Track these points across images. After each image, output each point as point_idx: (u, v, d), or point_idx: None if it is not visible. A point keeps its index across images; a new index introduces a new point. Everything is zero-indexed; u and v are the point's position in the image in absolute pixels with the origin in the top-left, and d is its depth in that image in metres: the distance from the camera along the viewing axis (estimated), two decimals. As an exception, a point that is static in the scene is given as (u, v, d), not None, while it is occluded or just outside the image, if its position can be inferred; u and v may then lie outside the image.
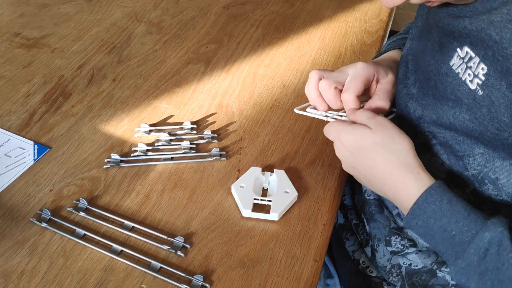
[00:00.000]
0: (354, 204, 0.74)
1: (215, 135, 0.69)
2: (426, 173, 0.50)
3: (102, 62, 0.83)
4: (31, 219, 0.57)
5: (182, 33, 0.91)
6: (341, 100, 0.58)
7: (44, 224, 0.57)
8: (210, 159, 0.66)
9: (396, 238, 0.62)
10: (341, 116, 0.59)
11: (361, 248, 0.70)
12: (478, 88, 0.45)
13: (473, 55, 0.46)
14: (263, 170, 0.63)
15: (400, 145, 0.51)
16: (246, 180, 0.61)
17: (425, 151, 0.55)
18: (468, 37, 0.46)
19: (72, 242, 0.56)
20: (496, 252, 0.42)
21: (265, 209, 0.59)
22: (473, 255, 0.44)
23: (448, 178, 0.54)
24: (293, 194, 0.60)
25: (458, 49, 0.48)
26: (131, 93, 0.77)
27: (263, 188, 0.62)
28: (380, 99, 0.59)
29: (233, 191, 0.61)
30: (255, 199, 0.59)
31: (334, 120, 0.58)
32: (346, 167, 0.56)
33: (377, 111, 0.59)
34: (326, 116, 0.60)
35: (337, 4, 1.01)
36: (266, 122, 0.72)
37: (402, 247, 0.62)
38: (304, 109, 0.62)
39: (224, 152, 0.67)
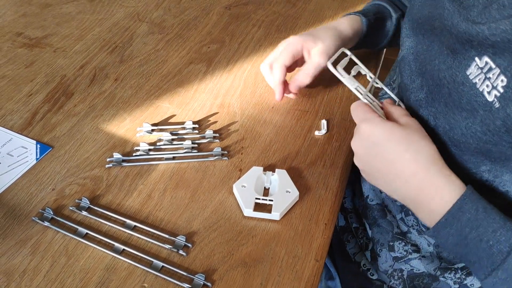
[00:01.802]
0: (354, 207, 0.73)
1: (217, 135, 0.69)
2: (456, 176, 0.47)
3: (104, 62, 0.83)
4: (33, 218, 0.58)
5: (184, 33, 0.91)
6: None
7: (46, 223, 0.57)
8: (211, 158, 0.66)
9: (399, 243, 0.62)
10: (373, 100, 0.56)
11: (362, 252, 0.69)
12: (496, 100, 0.43)
13: (493, 66, 0.43)
14: (264, 170, 0.63)
15: (427, 146, 0.49)
16: (247, 179, 0.62)
17: None
18: (492, 47, 0.44)
19: (74, 241, 0.56)
20: None
21: (266, 208, 0.59)
22: None
23: None
24: (294, 193, 0.60)
25: (477, 58, 0.45)
26: (133, 92, 0.77)
27: (264, 187, 0.62)
28: (300, 73, 0.65)
29: (234, 190, 0.61)
30: (256, 198, 0.59)
31: (366, 100, 0.55)
32: (360, 160, 0.53)
33: (299, 84, 0.64)
34: (356, 90, 0.56)
35: (338, 4, 1.01)
36: (267, 122, 0.73)
37: (405, 253, 0.61)
38: (335, 65, 0.59)
39: (225, 152, 0.67)
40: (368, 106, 0.54)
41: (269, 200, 0.59)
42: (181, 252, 0.55)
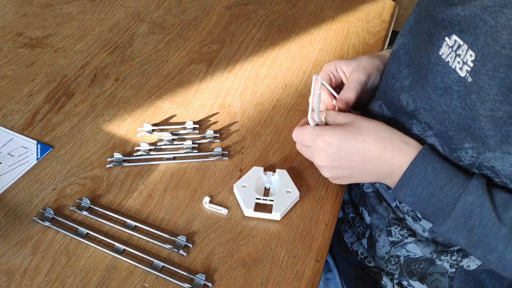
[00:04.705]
0: (351, 198, 0.74)
1: (217, 135, 0.69)
2: (416, 141, 0.53)
3: (105, 62, 0.83)
4: (34, 218, 0.58)
5: (185, 33, 0.91)
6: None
7: (47, 223, 0.57)
8: (212, 158, 0.66)
9: (395, 228, 0.63)
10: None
11: (359, 240, 0.70)
12: (468, 75, 0.46)
13: (461, 42, 0.47)
14: (265, 170, 0.63)
15: (379, 124, 0.55)
16: (248, 179, 0.62)
17: (420, 142, 0.56)
18: (459, 24, 0.47)
19: (75, 241, 0.56)
20: (480, 212, 0.47)
21: (267, 208, 0.59)
22: (460, 216, 0.48)
23: None
24: (295, 193, 0.60)
25: (446, 38, 0.49)
26: (134, 92, 0.77)
27: (265, 187, 0.62)
28: (343, 91, 0.63)
29: (235, 190, 0.61)
30: (257, 198, 0.59)
31: (312, 122, 0.57)
32: (330, 170, 0.57)
33: (345, 100, 0.62)
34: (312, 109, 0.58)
35: (339, 4, 1.01)
36: (268, 122, 0.73)
37: (401, 237, 0.62)
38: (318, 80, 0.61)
39: (226, 152, 0.67)
40: (311, 127, 0.57)
41: (270, 200, 0.59)
42: (181, 252, 0.55)
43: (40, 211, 0.59)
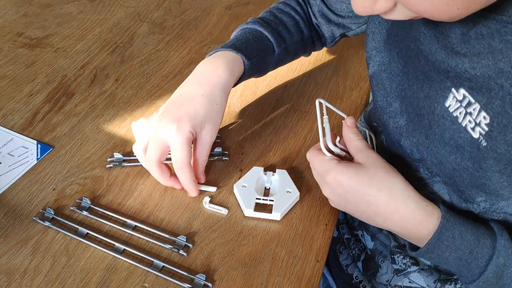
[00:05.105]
0: (346, 218, 0.73)
1: (218, 135, 0.69)
2: (432, 204, 0.49)
3: (105, 62, 0.83)
4: (34, 218, 0.58)
5: (185, 33, 0.91)
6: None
7: (47, 223, 0.57)
8: (212, 158, 0.66)
9: (398, 256, 0.62)
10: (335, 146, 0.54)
11: (354, 263, 0.69)
12: (482, 138, 0.42)
13: (472, 100, 0.42)
14: (265, 170, 0.63)
15: (396, 179, 0.49)
16: (248, 179, 0.62)
17: (426, 186, 0.53)
18: (469, 81, 0.42)
19: (75, 241, 0.56)
20: None
21: (267, 208, 0.59)
22: (492, 277, 0.46)
23: None
24: (295, 194, 0.60)
25: (454, 90, 0.44)
26: (134, 93, 0.77)
27: (265, 187, 0.62)
28: (199, 157, 0.57)
29: (235, 190, 0.61)
30: (257, 198, 0.59)
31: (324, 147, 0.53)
32: (337, 204, 0.54)
33: (202, 166, 0.57)
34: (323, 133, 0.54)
35: (339, 4, 1.00)
36: (268, 122, 0.73)
37: (404, 266, 0.61)
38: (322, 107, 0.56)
39: (226, 152, 0.67)
40: (325, 157, 0.52)
41: (270, 200, 0.59)
42: (181, 252, 0.55)
43: (40, 211, 0.59)
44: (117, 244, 0.56)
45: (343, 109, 0.75)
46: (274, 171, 0.63)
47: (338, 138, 0.56)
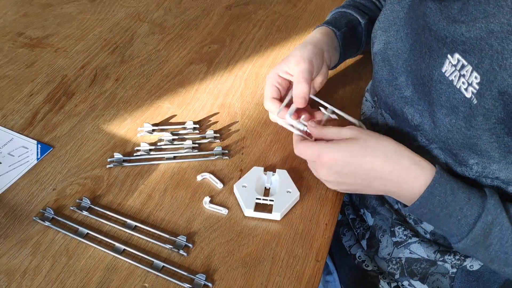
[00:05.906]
0: (351, 200, 0.74)
1: (218, 135, 0.69)
2: (425, 160, 0.52)
3: (105, 62, 0.83)
4: (34, 218, 0.58)
5: (185, 33, 0.91)
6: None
7: (47, 223, 0.57)
8: (212, 158, 0.66)
9: (399, 228, 0.63)
10: (304, 126, 0.59)
11: (358, 243, 0.70)
12: (473, 96, 0.45)
13: (465, 63, 0.46)
14: (265, 170, 0.63)
15: (386, 141, 0.53)
16: (248, 179, 0.62)
17: (424, 153, 0.55)
18: (463, 44, 0.46)
19: (75, 241, 0.56)
20: (499, 231, 0.48)
21: (267, 208, 0.59)
22: (479, 235, 0.48)
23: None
24: (295, 194, 0.60)
25: (449, 56, 0.47)
26: (134, 93, 0.77)
27: (265, 187, 0.62)
28: (297, 84, 0.61)
29: (235, 190, 0.61)
30: (257, 198, 0.59)
31: (299, 133, 0.59)
32: (334, 184, 0.56)
33: (302, 95, 0.61)
34: (291, 126, 0.60)
35: (339, 4, 1.00)
36: (268, 122, 0.73)
37: (405, 237, 0.62)
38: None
39: (226, 152, 0.67)
40: (308, 140, 0.57)
41: (270, 200, 0.59)
42: (181, 252, 0.55)
43: (40, 211, 0.59)
44: (117, 244, 0.56)
45: (344, 109, 0.75)
46: (274, 171, 0.63)
47: (302, 116, 0.59)
